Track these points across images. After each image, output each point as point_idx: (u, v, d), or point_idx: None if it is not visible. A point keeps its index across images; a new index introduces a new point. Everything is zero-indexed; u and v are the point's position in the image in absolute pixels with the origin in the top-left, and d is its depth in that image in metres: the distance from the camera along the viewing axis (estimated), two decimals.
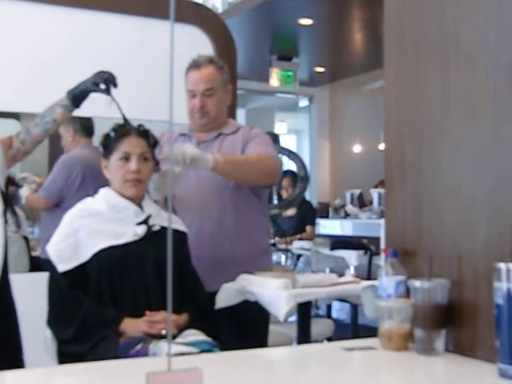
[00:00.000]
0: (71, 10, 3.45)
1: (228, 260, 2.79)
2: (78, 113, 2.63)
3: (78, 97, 2.54)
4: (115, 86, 2.53)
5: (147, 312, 2.27)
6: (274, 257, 6.51)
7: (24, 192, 4.41)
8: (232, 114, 3.43)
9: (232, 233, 2.85)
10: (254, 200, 2.93)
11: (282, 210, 9.25)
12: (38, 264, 3.97)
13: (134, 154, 2.42)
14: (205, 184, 2.83)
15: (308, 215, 7.00)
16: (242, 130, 2.98)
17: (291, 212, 6.87)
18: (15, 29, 3.36)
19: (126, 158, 2.42)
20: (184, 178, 2.80)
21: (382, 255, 2.08)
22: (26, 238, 4.80)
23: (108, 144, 2.47)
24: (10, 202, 4.54)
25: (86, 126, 4.36)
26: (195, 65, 2.93)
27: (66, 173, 4.21)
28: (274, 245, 6.48)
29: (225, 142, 2.93)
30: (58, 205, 4.16)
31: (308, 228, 6.87)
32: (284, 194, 6.88)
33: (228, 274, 2.69)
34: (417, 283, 1.80)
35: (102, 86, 2.52)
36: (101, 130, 2.55)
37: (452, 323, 1.79)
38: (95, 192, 2.52)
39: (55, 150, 4.78)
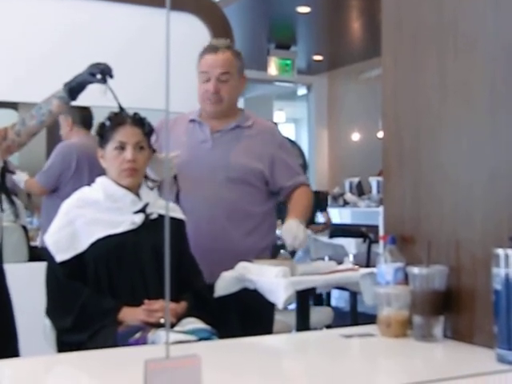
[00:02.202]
0: (69, 0, 3.44)
1: (238, 251, 2.77)
2: (76, 102, 2.63)
3: (74, 89, 2.54)
4: (111, 76, 2.53)
5: (145, 301, 2.27)
6: None
7: (22, 176, 4.41)
8: None
9: (243, 225, 2.85)
10: (265, 192, 2.93)
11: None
12: (37, 254, 3.97)
13: (129, 143, 2.42)
14: (216, 174, 2.82)
15: (319, 203, 6.63)
16: (258, 126, 2.96)
17: None
18: (13, 19, 3.34)
19: (122, 147, 2.42)
20: (195, 166, 2.80)
21: (381, 242, 2.08)
22: (24, 228, 4.80)
23: (103, 133, 2.46)
24: (7, 191, 4.55)
25: (83, 118, 4.37)
26: (212, 48, 2.87)
27: (61, 159, 4.23)
28: None
29: (242, 135, 2.91)
30: (56, 192, 4.17)
31: (324, 214, 6.62)
32: None
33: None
34: (415, 270, 1.80)
35: (99, 76, 2.52)
36: (101, 119, 2.55)
37: (450, 309, 1.80)
38: (90, 179, 2.52)
39: (52, 142, 4.79)
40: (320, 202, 6.68)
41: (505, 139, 1.68)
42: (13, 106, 5.21)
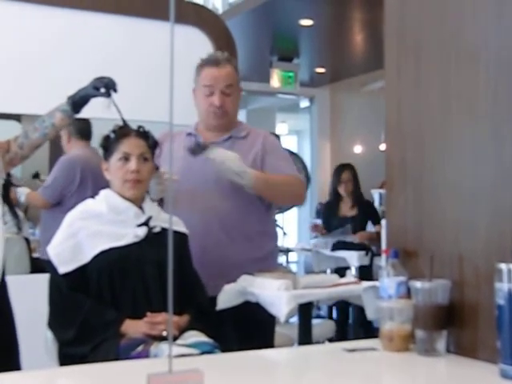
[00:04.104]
0: (71, 12, 3.45)
1: (233, 264, 2.77)
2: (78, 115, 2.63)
3: (78, 102, 2.55)
4: (115, 90, 2.54)
5: (148, 313, 2.27)
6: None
7: (23, 190, 4.42)
8: None
9: (238, 237, 2.83)
10: (260, 203, 2.91)
11: (283, 211, 9.22)
12: (39, 265, 3.97)
13: (133, 154, 2.42)
14: (210, 186, 2.81)
15: (372, 215, 6.26)
16: (253, 135, 2.95)
17: (351, 212, 6.18)
18: (12, 30, 3.36)
19: (126, 158, 2.42)
20: (189, 179, 2.79)
21: (383, 256, 2.08)
22: (27, 240, 4.81)
23: (108, 145, 2.47)
24: (10, 204, 4.56)
25: (80, 129, 4.38)
26: (213, 62, 2.88)
27: (66, 173, 4.24)
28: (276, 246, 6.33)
29: (236, 145, 2.89)
30: (58, 205, 4.18)
31: (377, 227, 6.08)
32: (341, 190, 6.22)
33: (232, 278, 2.68)
34: (418, 284, 1.79)
35: (102, 90, 2.53)
36: (101, 131, 2.55)
37: (453, 324, 1.79)
38: (93, 192, 2.52)
39: (56, 150, 4.80)
40: (371, 214, 6.28)
41: (508, 149, 1.67)
42: (16, 117, 5.22)
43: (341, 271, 4.72)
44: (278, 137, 6.33)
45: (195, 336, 2.25)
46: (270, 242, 2.99)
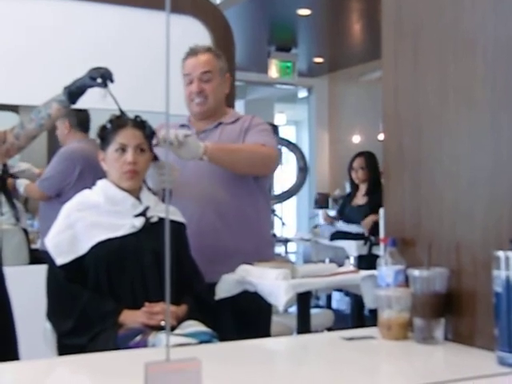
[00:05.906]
0: (66, 2, 3.44)
1: (230, 251, 2.79)
2: (74, 105, 2.63)
3: (74, 92, 2.54)
4: (112, 80, 2.53)
5: (146, 303, 2.27)
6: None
7: (22, 181, 4.41)
8: (231, 105, 3.42)
9: (234, 223, 2.84)
10: (256, 190, 2.91)
11: (281, 201, 9.23)
12: (38, 256, 3.97)
13: (130, 145, 2.42)
14: (205, 174, 2.82)
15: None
16: (242, 119, 2.97)
17: (362, 201, 6.06)
18: (8, 21, 3.35)
19: (123, 149, 2.42)
20: (183, 167, 2.79)
21: (382, 245, 2.08)
22: (25, 231, 4.80)
23: (105, 136, 2.46)
24: (8, 194, 4.55)
25: (81, 121, 4.36)
26: (192, 52, 2.93)
27: (65, 166, 4.22)
28: (274, 235, 6.35)
29: (225, 131, 2.92)
30: (57, 196, 4.16)
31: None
32: (354, 178, 6.11)
33: (230, 265, 2.68)
34: (416, 272, 1.80)
35: (99, 80, 2.52)
36: (98, 121, 2.55)
37: (451, 312, 1.79)
38: (93, 184, 2.52)
39: (54, 141, 4.78)
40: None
41: (505, 137, 1.67)
42: (14, 109, 5.20)
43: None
44: (276, 127, 6.28)
45: (193, 326, 2.26)
46: (266, 229, 3.01)
